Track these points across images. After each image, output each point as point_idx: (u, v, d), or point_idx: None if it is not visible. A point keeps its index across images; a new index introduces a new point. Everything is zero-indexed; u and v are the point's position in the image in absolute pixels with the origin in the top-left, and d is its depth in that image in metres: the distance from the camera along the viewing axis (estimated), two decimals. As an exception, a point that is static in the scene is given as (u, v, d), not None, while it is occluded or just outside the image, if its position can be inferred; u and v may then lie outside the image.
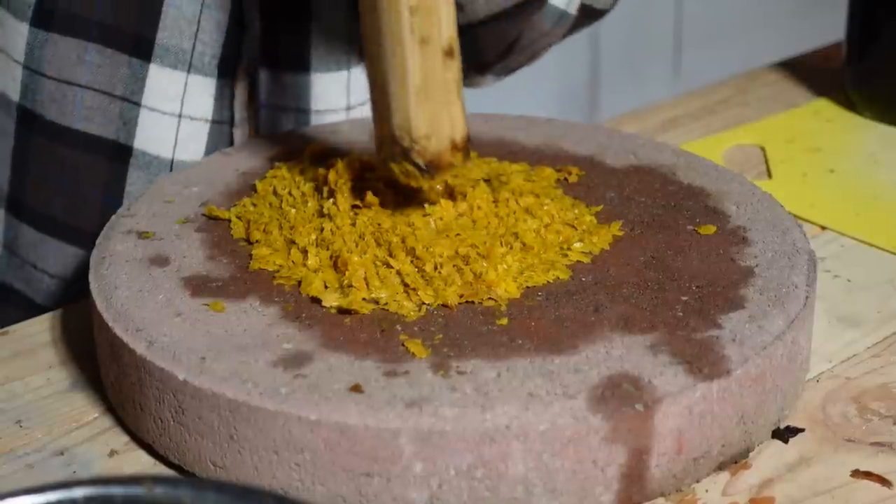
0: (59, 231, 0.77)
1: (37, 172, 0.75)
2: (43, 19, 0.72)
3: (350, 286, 0.58)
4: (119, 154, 0.74)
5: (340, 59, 0.78)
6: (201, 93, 0.73)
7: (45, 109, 0.73)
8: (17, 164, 0.75)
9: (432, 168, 0.60)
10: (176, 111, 0.73)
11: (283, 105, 0.78)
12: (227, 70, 0.74)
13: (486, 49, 0.78)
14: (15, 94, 0.73)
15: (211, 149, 0.76)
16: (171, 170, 0.75)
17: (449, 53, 0.59)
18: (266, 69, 0.77)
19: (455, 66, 0.60)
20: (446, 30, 0.59)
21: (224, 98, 0.74)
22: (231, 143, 0.77)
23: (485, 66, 0.80)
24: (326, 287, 0.58)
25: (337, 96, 0.79)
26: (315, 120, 0.78)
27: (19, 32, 0.72)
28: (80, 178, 0.75)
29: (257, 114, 0.77)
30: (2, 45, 0.73)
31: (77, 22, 0.72)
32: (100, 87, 0.72)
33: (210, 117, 0.74)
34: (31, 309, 0.77)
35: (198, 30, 0.72)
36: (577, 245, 0.62)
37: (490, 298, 0.58)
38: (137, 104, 0.72)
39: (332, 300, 0.57)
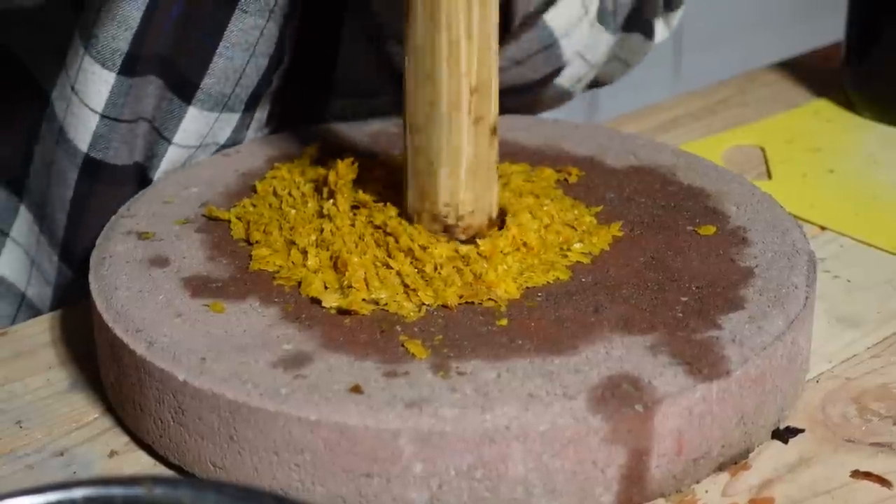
0: None
1: (92, 221, 0.73)
2: (129, 66, 0.69)
3: (350, 287, 0.58)
4: (142, 181, 0.73)
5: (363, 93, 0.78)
6: (224, 126, 0.73)
7: (117, 156, 0.71)
8: (73, 213, 0.73)
9: (469, 241, 0.60)
10: (197, 144, 0.72)
11: (296, 119, 0.78)
12: (253, 105, 0.73)
13: None
14: (84, 144, 0.71)
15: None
16: None
17: (494, 132, 0.60)
18: (287, 93, 0.76)
19: (496, 143, 0.60)
20: (494, 108, 0.59)
21: (243, 127, 0.74)
22: None
23: None
24: (326, 288, 0.58)
25: None
26: None
27: (104, 81, 0.69)
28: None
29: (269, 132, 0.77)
30: (79, 90, 0.70)
31: (149, 60, 0.70)
32: (146, 117, 0.71)
33: (223, 142, 0.73)
34: None
35: (241, 76, 0.71)
36: (577, 245, 0.62)
37: (490, 299, 0.58)
38: (168, 140, 0.72)
39: (331, 301, 0.58)
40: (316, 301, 0.58)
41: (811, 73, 0.93)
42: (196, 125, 0.72)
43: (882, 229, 0.73)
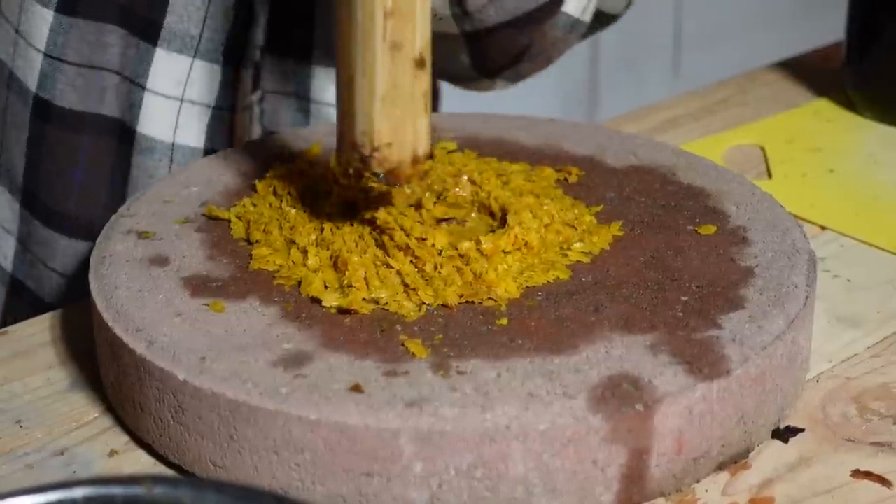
0: (67, 228, 0.76)
1: (50, 165, 0.74)
2: (67, 4, 0.70)
3: (350, 286, 0.58)
4: (125, 136, 0.73)
5: None
6: (205, 79, 0.73)
7: (63, 98, 0.72)
8: (31, 156, 0.74)
9: (390, 178, 0.59)
10: (178, 95, 0.72)
11: (285, 92, 0.78)
12: (233, 58, 0.73)
13: (495, 56, 0.77)
14: (33, 84, 0.72)
15: (211, 134, 0.76)
16: (171, 154, 0.75)
17: (420, 64, 0.58)
18: (270, 55, 0.76)
19: (425, 77, 0.58)
20: (420, 39, 0.58)
21: (227, 85, 0.74)
22: (231, 130, 0.77)
23: (494, 72, 0.79)
24: (326, 287, 0.58)
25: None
26: (315, 110, 0.78)
27: (43, 18, 0.70)
28: (90, 164, 0.74)
29: (259, 101, 0.77)
30: (23, 31, 0.71)
31: (99, 4, 0.71)
32: (114, 68, 0.71)
33: (212, 103, 0.73)
34: (39, 307, 0.77)
35: (206, 16, 0.71)
36: (577, 245, 0.62)
37: (490, 298, 0.58)
38: (142, 87, 0.72)
39: (332, 300, 0.57)
40: (316, 300, 0.58)
41: (811, 73, 0.93)
42: (168, 68, 0.72)
43: (882, 229, 0.73)
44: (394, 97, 0.58)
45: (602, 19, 0.81)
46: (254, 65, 0.75)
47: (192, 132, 0.75)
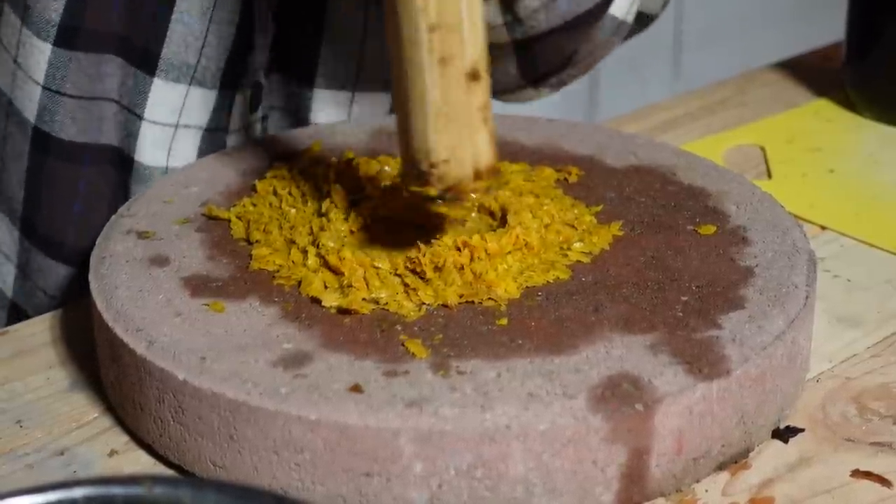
0: (66, 256, 0.76)
1: (49, 196, 0.73)
2: (66, 38, 0.69)
3: (349, 286, 0.58)
4: (123, 165, 0.73)
5: (346, 78, 0.78)
6: (200, 104, 0.73)
7: (63, 130, 0.71)
8: (30, 187, 0.73)
9: (451, 195, 0.57)
10: (174, 122, 0.72)
11: (288, 114, 0.78)
12: (229, 82, 0.73)
13: (543, 63, 0.76)
14: (31, 116, 0.71)
15: (203, 154, 0.76)
16: None
17: (473, 76, 0.56)
18: (273, 75, 0.76)
19: (481, 90, 0.57)
20: (471, 51, 0.56)
21: (222, 108, 0.74)
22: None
23: (541, 79, 0.79)
24: (326, 287, 0.58)
25: (338, 114, 0.79)
26: None
27: (41, 52, 0.69)
28: (89, 194, 0.74)
29: (255, 123, 0.77)
30: (22, 63, 0.71)
31: (97, 37, 0.70)
32: (112, 97, 0.71)
33: (205, 125, 0.73)
34: None
35: (203, 45, 0.71)
36: (577, 245, 0.62)
37: (490, 298, 0.58)
38: (140, 117, 0.72)
39: (331, 300, 0.57)
40: (316, 300, 0.58)
41: (811, 73, 0.93)
42: (165, 97, 0.71)
43: (882, 229, 0.73)
44: (447, 113, 0.56)
45: (642, 20, 0.80)
46: (253, 85, 0.75)
47: (186, 154, 0.75)
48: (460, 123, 0.56)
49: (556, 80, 0.80)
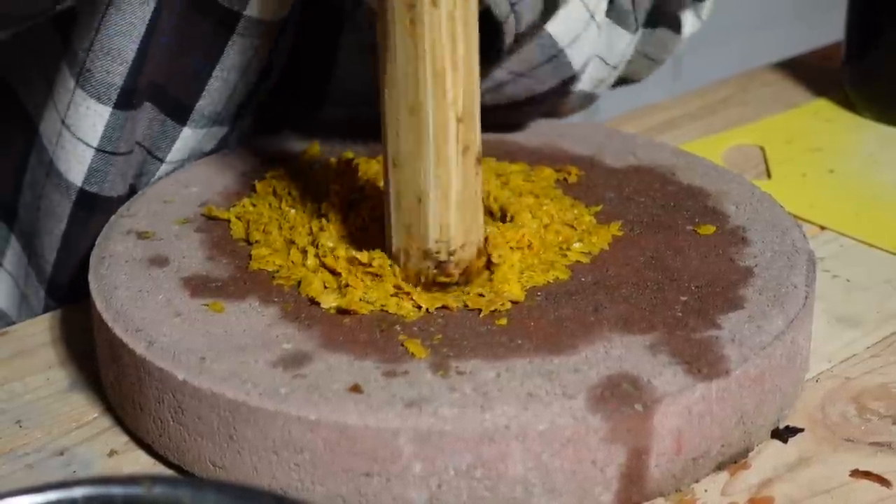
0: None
1: (83, 255, 0.72)
2: (127, 100, 0.68)
3: (347, 286, 0.58)
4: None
5: (354, 102, 0.78)
6: (214, 138, 0.73)
7: (114, 189, 0.70)
8: (64, 248, 0.72)
9: (462, 279, 0.59)
10: (186, 157, 0.72)
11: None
12: (242, 115, 0.73)
13: (495, 124, 0.76)
14: (78, 178, 0.69)
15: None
16: None
17: (479, 161, 0.58)
18: (280, 95, 0.76)
19: (481, 172, 0.58)
20: (478, 137, 0.58)
21: (229, 138, 0.74)
22: None
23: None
24: (326, 287, 0.58)
25: None
26: None
27: (99, 115, 0.67)
28: None
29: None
30: (71, 125, 0.68)
31: (144, 91, 0.69)
32: (138, 140, 0.70)
33: (209, 151, 0.73)
34: None
35: (233, 93, 0.71)
36: (577, 245, 0.62)
37: (496, 309, 0.58)
38: (161, 160, 0.71)
39: (330, 301, 0.57)
40: (315, 301, 0.58)
41: (811, 73, 0.93)
42: (189, 143, 0.71)
43: (882, 229, 0.73)
44: (464, 200, 0.57)
45: (625, 82, 0.80)
46: (257, 111, 0.75)
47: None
48: (472, 209, 0.58)
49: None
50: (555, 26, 0.70)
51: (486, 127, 0.59)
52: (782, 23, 1.86)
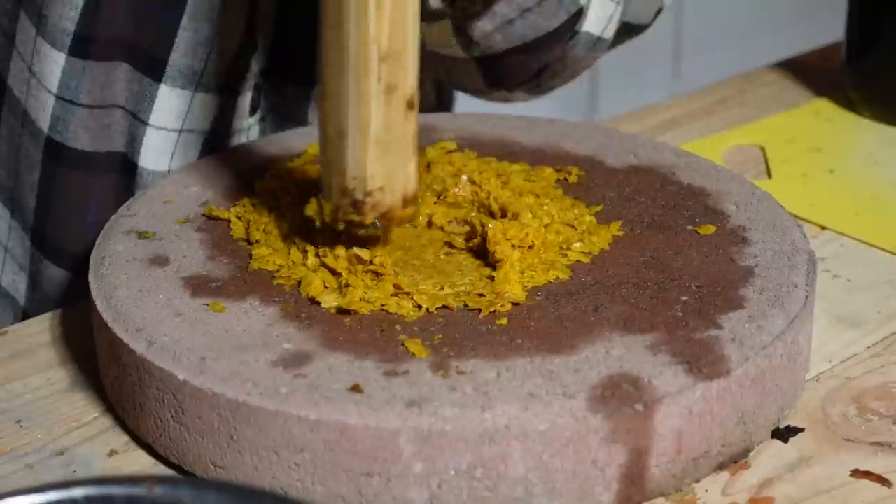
0: (77, 267, 0.75)
1: (61, 207, 0.72)
2: (81, 48, 0.68)
3: (347, 286, 0.58)
4: (129, 170, 0.73)
5: None
6: (204, 109, 0.72)
7: (76, 140, 0.70)
8: (42, 197, 0.72)
9: (383, 222, 0.58)
10: (178, 127, 0.72)
11: (285, 115, 0.78)
12: (231, 86, 0.73)
13: (509, 77, 0.75)
14: (45, 125, 0.70)
15: (204, 156, 0.76)
16: None
17: (411, 105, 0.57)
18: (271, 77, 0.76)
19: (414, 117, 0.57)
20: (411, 80, 0.57)
21: (224, 112, 0.73)
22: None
23: (512, 87, 0.77)
24: (326, 287, 0.58)
25: None
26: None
27: (55, 62, 0.68)
28: (101, 203, 0.74)
29: (254, 126, 0.77)
30: (36, 72, 0.69)
31: (109, 45, 0.69)
32: (119, 103, 0.70)
33: (208, 129, 0.73)
34: None
35: (210, 51, 0.71)
36: (577, 245, 0.62)
37: (494, 310, 0.58)
38: (145, 122, 0.71)
39: (330, 301, 0.57)
40: (315, 301, 0.58)
41: (811, 73, 0.93)
42: (171, 104, 0.71)
43: (882, 229, 0.73)
44: (387, 141, 0.57)
45: (631, 30, 0.78)
46: (253, 87, 0.75)
47: (189, 159, 0.75)
48: (396, 152, 0.57)
49: (531, 88, 0.78)
50: None
51: (511, 77, 0.59)
52: (782, 23, 1.86)
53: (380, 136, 0.57)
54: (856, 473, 0.56)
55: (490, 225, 0.60)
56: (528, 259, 0.60)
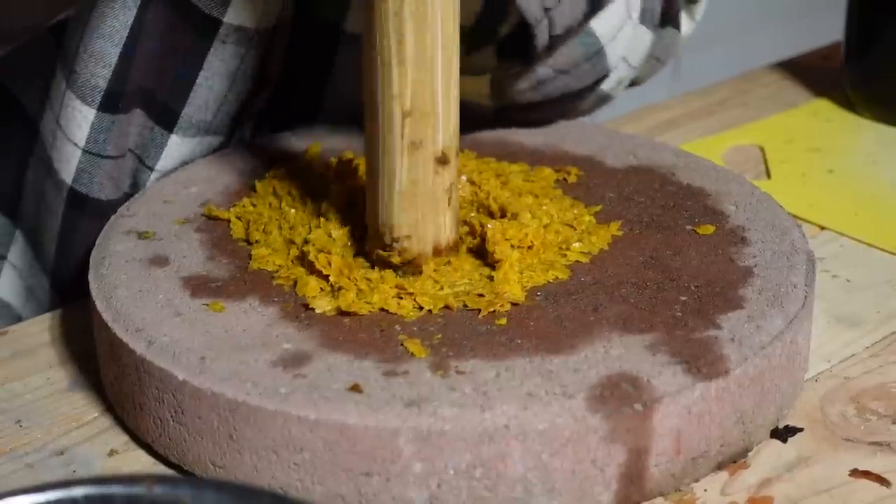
0: None
1: (81, 255, 0.73)
2: (111, 103, 0.68)
3: (340, 288, 0.58)
4: None
5: (349, 116, 0.78)
6: (207, 148, 0.73)
7: (102, 191, 0.70)
8: (61, 246, 0.73)
9: (408, 268, 0.59)
10: (178, 165, 0.72)
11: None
12: (236, 128, 0.73)
13: (518, 119, 0.75)
14: (68, 177, 0.70)
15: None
16: None
17: (442, 161, 0.58)
18: (274, 110, 0.76)
19: (448, 173, 0.59)
20: (443, 136, 0.58)
21: (225, 146, 0.74)
22: None
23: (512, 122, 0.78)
24: (322, 290, 0.58)
25: None
26: None
27: (84, 117, 0.69)
28: None
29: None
30: (63, 125, 0.69)
31: (133, 97, 0.69)
32: (130, 147, 0.71)
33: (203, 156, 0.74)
34: None
35: (223, 103, 0.71)
36: (576, 245, 0.62)
37: (494, 310, 0.58)
38: (150, 168, 0.71)
39: (323, 305, 0.57)
40: (309, 305, 0.58)
41: (811, 73, 0.93)
42: (179, 151, 0.72)
43: (882, 229, 0.73)
44: (413, 193, 0.58)
45: (632, 84, 0.80)
46: (253, 126, 0.75)
47: None
48: (425, 205, 0.59)
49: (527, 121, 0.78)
50: (599, 23, 0.70)
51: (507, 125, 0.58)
52: (782, 23, 1.86)
53: (406, 188, 0.58)
54: (855, 473, 0.56)
55: (489, 225, 0.60)
56: (527, 259, 0.60)
